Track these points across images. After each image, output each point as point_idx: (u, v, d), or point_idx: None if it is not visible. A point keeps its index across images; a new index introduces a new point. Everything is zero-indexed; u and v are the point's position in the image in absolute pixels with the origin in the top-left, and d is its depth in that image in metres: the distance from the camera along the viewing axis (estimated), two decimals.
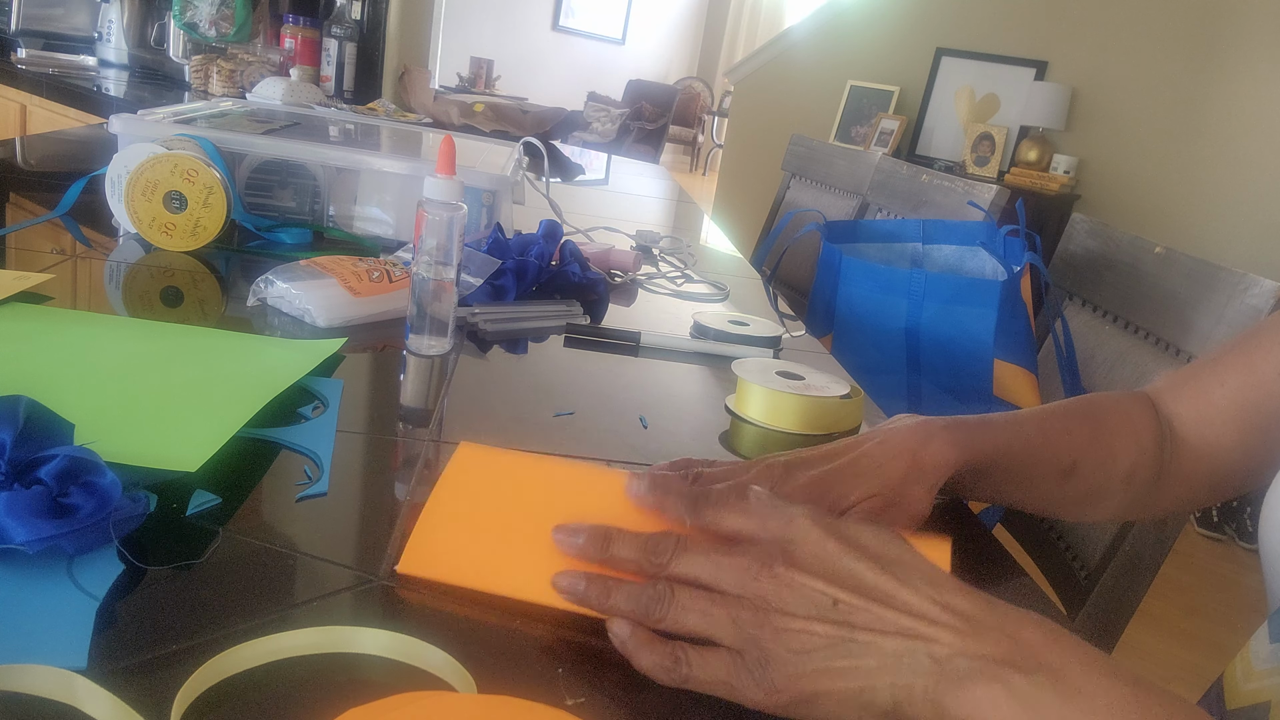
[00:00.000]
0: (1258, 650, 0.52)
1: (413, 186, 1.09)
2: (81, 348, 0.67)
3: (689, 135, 9.04)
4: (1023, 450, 0.61)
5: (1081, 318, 1.22)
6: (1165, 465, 0.67)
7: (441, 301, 0.78)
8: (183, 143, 1.00)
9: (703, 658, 0.41)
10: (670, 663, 0.41)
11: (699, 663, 0.40)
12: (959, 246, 1.44)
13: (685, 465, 0.61)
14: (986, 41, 3.88)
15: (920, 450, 0.56)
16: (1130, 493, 0.66)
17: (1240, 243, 3.39)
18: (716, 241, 1.68)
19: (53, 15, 2.74)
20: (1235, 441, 0.65)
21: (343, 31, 2.62)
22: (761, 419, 0.76)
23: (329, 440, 0.60)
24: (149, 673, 0.37)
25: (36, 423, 0.45)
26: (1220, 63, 3.42)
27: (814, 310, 1.42)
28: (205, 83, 2.39)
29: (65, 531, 0.42)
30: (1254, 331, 0.67)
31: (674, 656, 0.41)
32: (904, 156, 3.95)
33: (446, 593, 0.46)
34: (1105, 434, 0.65)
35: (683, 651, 0.41)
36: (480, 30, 7.14)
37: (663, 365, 0.88)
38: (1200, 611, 2.36)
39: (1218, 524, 2.74)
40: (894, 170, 1.86)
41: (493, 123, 2.31)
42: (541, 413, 0.73)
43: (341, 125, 1.45)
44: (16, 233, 0.97)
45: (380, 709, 0.36)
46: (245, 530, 0.49)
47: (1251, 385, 0.64)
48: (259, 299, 0.83)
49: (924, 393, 1.32)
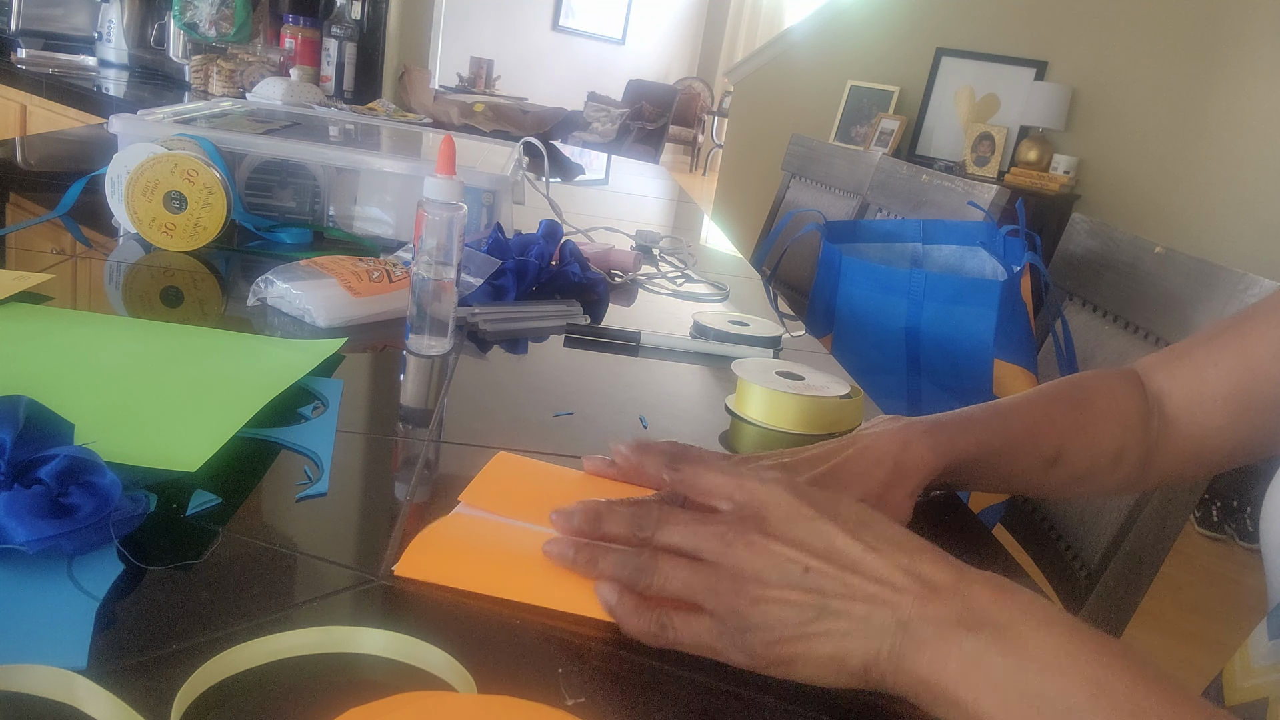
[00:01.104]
0: (1257, 647, 0.52)
1: (413, 186, 1.09)
2: (81, 348, 0.67)
3: (689, 135, 9.03)
4: (1005, 444, 0.62)
5: (1081, 318, 1.22)
6: (1153, 443, 0.67)
7: (441, 301, 0.78)
8: (183, 143, 1.00)
9: (687, 623, 0.42)
10: (656, 628, 0.43)
11: (684, 627, 0.42)
12: (959, 246, 1.44)
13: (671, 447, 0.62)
14: (986, 41, 3.88)
15: (901, 455, 0.57)
16: (1118, 473, 0.66)
17: (1240, 243, 3.39)
18: (716, 241, 1.68)
19: (53, 15, 2.74)
20: (1225, 422, 0.65)
21: (343, 31, 2.62)
22: (761, 419, 0.76)
23: (329, 440, 0.60)
24: (149, 673, 0.37)
25: (36, 423, 0.45)
26: (1220, 63, 3.42)
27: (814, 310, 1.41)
28: (205, 83, 2.39)
29: (65, 531, 0.42)
30: (1249, 313, 0.66)
31: (659, 622, 0.43)
32: (904, 156, 3.95)
33: (446, 592, 0.46)
34: (1091, 418, 0.66)
35: (668, 617, 0.43)
36: (480, 30, 7.14)
37: (663, 365, 0.88)
38: (1200, 610, 2.36)
39: (1218, 524, 2.74)
40: (894, 170, 1.86)
41: (493, 123, 2.31)
42: (541, 413, 0.73)
43: (341, 125, 1.45)
44: (16, 233, 0.97)
45: (380, 709, 0.36)
46: (245, 530, 0.49)
47: (1245, 367, 0.64)
48: (259, 299, 0.83)
49: (924, 393, 1.32)
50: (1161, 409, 0.67)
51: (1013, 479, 0.64)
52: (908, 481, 0.57)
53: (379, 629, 0.42)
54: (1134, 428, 0.66)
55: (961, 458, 0.59)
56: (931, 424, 0.59)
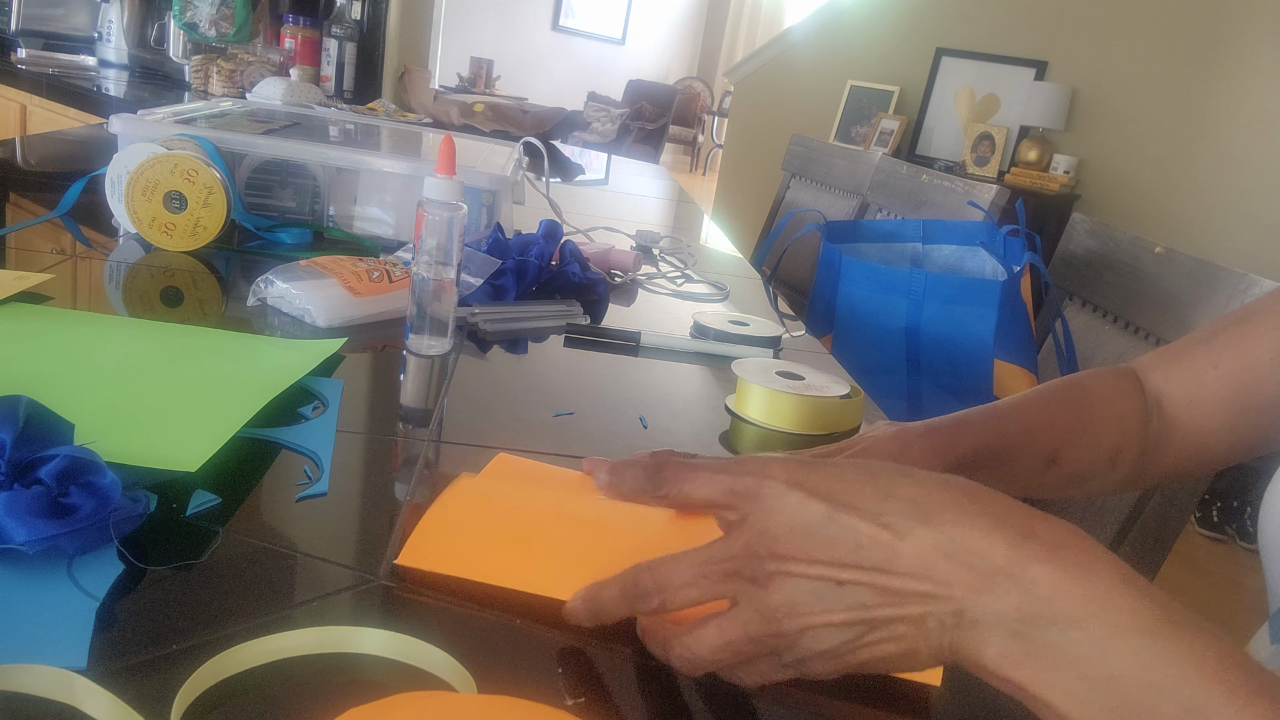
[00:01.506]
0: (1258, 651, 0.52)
1: (413, 186, 1.09)
2: (81, 348, 0.67)
3: (689, 135, 9.03)
4: (1002, 446, 0.62)
5: (1081, 318, 1.22)
6: (1150, 443, 0.67)
7: (441, 301, 0.78)
8: (183, 143, 1.00)
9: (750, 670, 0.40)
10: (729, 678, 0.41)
11: (749, 675, 0.41)
12: (959, 246, 1.44)
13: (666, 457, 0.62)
14: (986, 41, 3.88)
15: (899, 458, 0.57)
16: (1115, 473, 0.66)
17: (1240, 243, 3.39)
18: (716, 241, 1.68)
19: (53, 15, 2.74)
20: (1223, 423, 0.65)
21: (343, 31, 2.62)
22: (761, 419, 0.76)
23: (329, 440, 0.60)
24: (149, 673, 0.37)
25: (36, 423, 0.45)
26: (1220, 63, 3.42)
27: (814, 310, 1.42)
28: (205, 83, 2.39)
29: (65, 531, 0.42)
30: (1247, 312, 0.66)
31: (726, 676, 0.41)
32: (904, 156, 3.95)
33: (447, 592, 0.46)
34: (1088, 418, 0.66)
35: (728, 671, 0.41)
36: (480, 30, 7.14)
37: (663, 365, 0.88)
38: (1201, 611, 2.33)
39: (1218, 524, 2.74)
40: (894, 170, 1.86)
41: (493, 123, 2.31)
42: (541, 413, 0.73)
43: (341, 125, 1.45)
44: (16, 233, 0.97)
45: (380, 709, 0.36)
46: (245, 530, 0.49)
47: (1244, 368, 0.64)
48: (259, 299, 0.83)
49: (924, 393, 1.32)
50: (1160, 408, 0.67)
51: (1011, 480, 0.64)
52: None
53: (379, 629, 0.41)
54: (1132, 427, 0.66)
55: (959, 460, 0.59)
56: (928, 427, 0.59)
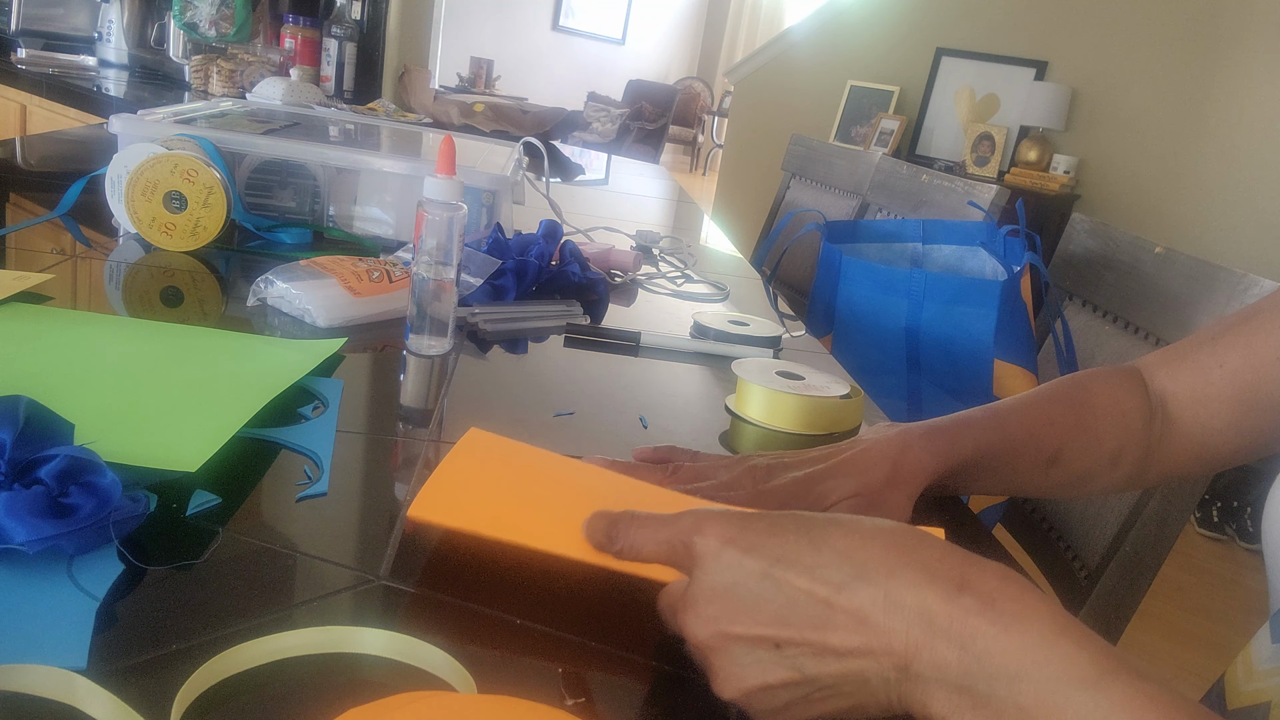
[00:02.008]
0: (1259, 651, 0.52)
1: (413, 186, 1.09)
2: (81, 348, 0.67)
3: (689, 135, 9.03)
4: (1004, 447, 0.61)
5: (1081, 318, 1.22)
6: (1153, 443, 0.67)
7: (441, 301, 0.78)
8: (183, 143, 1.00)
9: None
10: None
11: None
12: (959, 246, 1.44)
13: (669, 453, 0.62)
14: (986, 41, 3.88)
15: (900, 458, 0.57)
16: (1117, 472, 0.66)
17: (1240, 243, 3.39)
18: (716, 241, 1.68)
19: (53, 15, 2.74)
20: (1228, 422, 0.65)
21: (343, 31, 2.62)
22: (761, 419, 0.76)
23: (329, 440, 0.60)
24: (149, 673, 0.37)
25: (36, 423, 0.45)
26: (1220, 62, 3.42)
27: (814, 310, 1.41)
28: (205, 83, 2.38)
29: (65, 531, 0.42)
30: (1253, 311, 0.66)
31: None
32: (904, 156, 3.95)
33: (446, 593, 0.46)
34: (1091, 418, 0.65)
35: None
36: (480, 30, 7.14)
37: (663, 365, 0.88)
38: (1201, 612, 2.36)
39: (1218, 524, 2.74)
40: (894, 170, 1.86)
41: (493, 123, 2.31)
42: (541, 413, 0.73)
43: (341, 125, 1.45)
44: (16, 233, 0.97)
45: (380, 709, 0.36)
46: (245, 530, 0.49)
47: (1250, 367, 0.64)
48: (259, 299, 0.83)
49: (924, 393, 1.32)
50: (1165, 408, 0.67)
51: (1013, 480, 0.64)
52: (906, 485, 0.57)
53: (379, 629, 0.41)
54: (1134, 427, 0.66)
55: (961, 461, 0.59)
56: (930, 428, 0.60)
